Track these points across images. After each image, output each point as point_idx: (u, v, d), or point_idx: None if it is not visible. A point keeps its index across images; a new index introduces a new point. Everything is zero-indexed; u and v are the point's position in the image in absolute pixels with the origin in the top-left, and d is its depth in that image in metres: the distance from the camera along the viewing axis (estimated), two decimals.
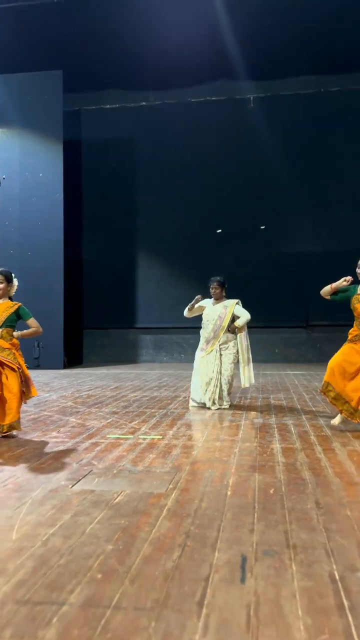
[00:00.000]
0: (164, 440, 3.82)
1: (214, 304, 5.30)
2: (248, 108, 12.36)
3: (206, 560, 1.84)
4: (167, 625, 1.44)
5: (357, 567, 1.79)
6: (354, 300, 4.14)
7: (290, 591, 1.62)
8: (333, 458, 3.28)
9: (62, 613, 1.50)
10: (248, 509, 2.35)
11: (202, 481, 2.79)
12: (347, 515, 2.29)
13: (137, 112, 12.70)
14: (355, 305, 4.12)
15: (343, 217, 11.85)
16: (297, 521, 2.21)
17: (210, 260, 12.06)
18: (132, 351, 12.60)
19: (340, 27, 11.12)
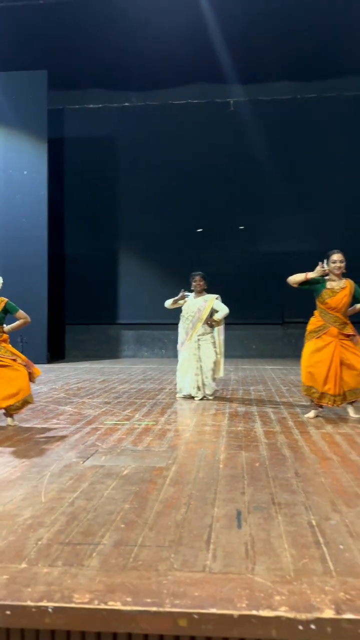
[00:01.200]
0: (158, 425, 4.21)
1: (195, 297, 5.68)
2: (228, 111, 12.77)
3: (208, 514, 2.24)
4: (184, 556, 1.83)
5: (330, 517, 2.21)
6: (324, 294, 4.47)
7: (278, 533, 2.04)
8: (309, 439, 3.73)
9: (99, 550, 1.88)
10: (238, 478, 2.77)
11: (196, 457, 3.20)
12: (322, 481, 2.72)
13: (120, 112, 12.98)
14: (326, 299, 4.47)
15: (319, 219, 12.38)
16: (280, 486, 2.63)
17: (190, 258, 12.44)
18: (114, 346, 12.92)
19: (317, 36, 11.60)
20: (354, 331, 4.50)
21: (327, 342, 4.42)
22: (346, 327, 4.48)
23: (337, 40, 11.62)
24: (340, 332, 4.42)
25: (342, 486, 2.64)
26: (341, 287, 4.46)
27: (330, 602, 1.53)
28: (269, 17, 11.31)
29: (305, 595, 1.56)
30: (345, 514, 2.25)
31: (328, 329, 4.45)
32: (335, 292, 4.45)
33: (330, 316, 4.45)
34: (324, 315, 4.49)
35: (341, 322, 4.46)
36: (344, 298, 4.45)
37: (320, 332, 4.48)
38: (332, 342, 4.40)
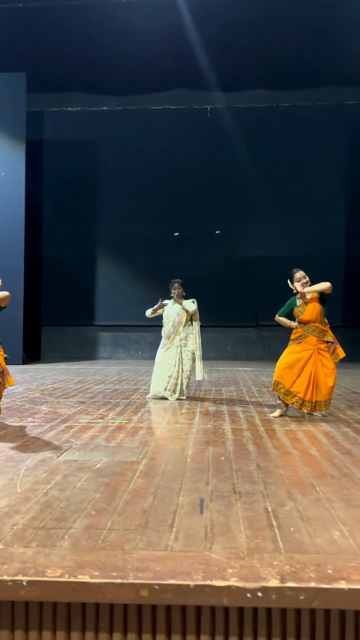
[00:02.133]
0: (131, 423, 4.37)
1: (174, 303, 5.87)
2: (205, 118, 13.02)
3: (173, 502, 2.42)
4: (149, 537, 2.00)
5: (285, 504, 2.41)
6: (297, 312, 4.79)
7: (236, 518, 2.23)
8: (273, 435, 3.94)
9: (71, 533, 2.04)
10: (204, 470, 2.95)
11: (166, 452, 3.37)
12: (281, 473, 2.93)
13: (98, 115, 13.11)
14: (299, 315, 4.77)
15: (293, 225, 12.71)
16: (242, 477, 2.82)
17: (166, 261, 12.68)
18: (90, 348, 13.01)
19: (294, 46, 11.93)
20: (333, 339, 4.76)
21: (305, 348, 4.69)
22: (326, 334, 4.74)
23: (312, 51, 11.97)
24: (319, 340, 4.67)
25: (299, 477, 2.85)
26: (309, 300, 4.73)
27: (277, 574, 1.72)
28: (248, 26, 11.58)
29: (254, 569, 1.75)
30: (299, 502, 2.45)
31: (307, 337, 4.71)
32: (304, 307, 4.73)
33: (308, 327, 4.72)
34: (303, 327, 4.76)
35: (320, 331, 4.73)
36: (314, 308, 4.72)
37: (300, 339, 4.74)
38: (310, 349, 4.66)
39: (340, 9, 10.75)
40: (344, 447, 3.56)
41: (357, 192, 12.62)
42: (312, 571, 1.74)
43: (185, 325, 5.76)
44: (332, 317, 13.40)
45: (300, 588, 1.65)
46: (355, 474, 2.92)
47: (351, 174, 12.83)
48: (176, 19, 11.32)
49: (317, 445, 3.61)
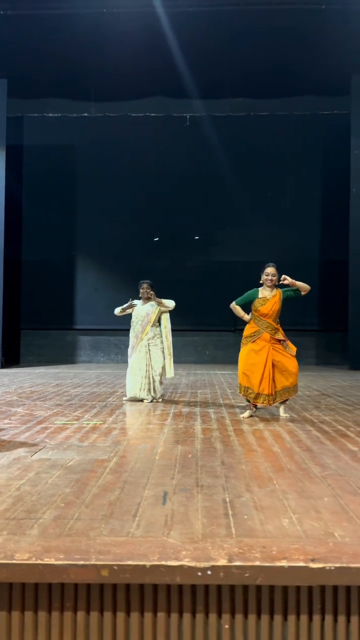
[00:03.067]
0: (105, 424, 4.52)
1: (143, 303, 6.04)
2: (184, 126, 13.25)
3: (139, 494, 2.59)
4: (112, 526, 2.17)
5: (242, 495, 2.60)
6: (257, 303, 4.97)
7: (195, 508, 2.41)
8: (240, 434, 4.13)
9: (40, 523, 2.19)
10: (171, 466, 3.12)
11: (136, 451, 3.54)
12: (243, 468, 3.12)
13: (79, 122, 13.24)
14: (258, 307, 4.96)
15: (269, 230, 12.99)
16: (206, 472, 3.01)
17: (146, 265, 12.83)
18: (70, 352, 13.10)
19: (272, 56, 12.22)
20: (284, 337, 4.99)
21: (261, 346, 4.88)
22: (277, 332, 4.96)
23: (290, 61, 12.28)
24: (272, 337, 4.89)
25: (259, 472, 3.04)
26: (272, 296, 4.95)
27: (226, 555, 1.90)
28: (227, 36, 11.84)
29: (206, 551, 1.93)
30: (255, 493, 2.64)
31: (261, 334, 4.91)
32: (266, 300, 4.95)
33: (262, 322, 4.93)
34: (257, 322, 4.96)
35: (273, 328, 4.94)
36: (274, 305, 4.95)
37: (254, 337, 4.95)
38: (266, 346, 4.86)
39: (317, 19, 11.09)
40: (305, 445, 3.77)
41: (331, 199, 12.96)
42: (258, 552, 1.92)
43: (154, 325, 5.93)
44: (307, 322, 13.76)
45: (245, 566, 1.83)
46: (312, 468, 3.13)
47: (326, 182, 13.18)
48: (156, 27, 11.53)
49: (280, 443, 3.82)
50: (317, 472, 3.05)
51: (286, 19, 11.37)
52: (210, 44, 12.17)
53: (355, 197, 11.73)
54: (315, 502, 2.50)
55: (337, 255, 12.59)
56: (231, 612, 1.89)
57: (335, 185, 12.87)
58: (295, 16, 11.39)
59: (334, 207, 13.03)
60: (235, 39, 11.91)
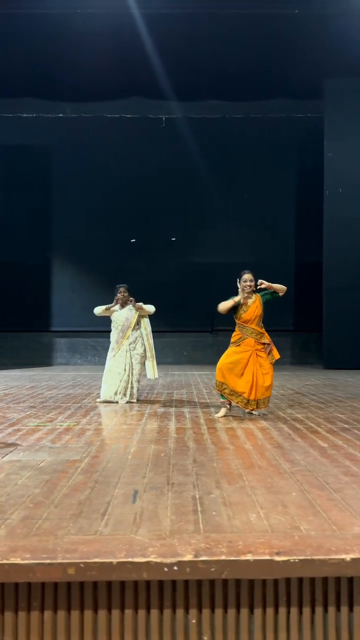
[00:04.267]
0: (79, 426, 4.50)
1: (121, 308, 6.04)
2: (160, 127, 13.28)
3: (109, 493, 2.59)
4: (81, 525, 2.17)
5: (212, 492, 2.62)
6: (240, 310, 5.06)
7: (165, 505, 2.42)
8: (214, 433, 4.17)
9: (7, 523, 2.18)
10: (143, 466, 3.13)
11: (109, 451, 3.54)
12: (214, 466, 3.14)
13: (53, 122, 13.16)
14: (241, 314, 5.04)
15: (245, 232, 13.11)
16: (177, 470, 3.02)
17: (123, 266, 12.83)
18: (46, 354, 12.99)
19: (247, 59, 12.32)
20: (269, 341, 5.06)
21: (245, 349, 4.96)
22: (262, 337, 5.03)
23: (264, 64, 12.40)
24: (257, 342, 4.95)
25: (229, 469, 3.08)
26: (252, 302, 5.03)
27: (192, 550, 1.92)
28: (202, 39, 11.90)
29: (173, 547, 1.94)
30: (225, 490, 2.67)
31: (246, 339, 4.99)
32: (248, 307, 5.01)
33: (247, 329, 5.01)
34: (241, 329, 5.05)
35: (257, 333, 5.02)
36: (255, 310, 5.02)
37: (239, 341, 5.02)
38: (249, 350, 4.94)
39: (291, 24, 11.23)
40: (277, 442, 3.82)
41: (306, 202, 13.14)
42: (224, 547, 1.95)
43: (134, 329, 5.94)
44: (283, 322, 13.89)
45: (211, 561, 1.86)
46: (282, 465, 3.17)
47: (300, 184, 13.36)
48: (132, 28, 11.52)
49: (252, 441, 3.86)
50: (286, 468, 3.10)
51: (261, 23, 11.48)
52: (186, 46, 12.20)
53: (329, 199, 11.92)
54: (283, 497, 2.54)
55: (311, 257, 12.76)
56: (198, 607, 1.91)
57: (309, 187, 13.05)
58: (269, 21, 11.51)
59: (308, 209, 13.21)
60: (211, 42, 11.98)
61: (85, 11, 11.35)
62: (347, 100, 11.93)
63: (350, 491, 2.65)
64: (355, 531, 2.11)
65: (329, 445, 3.72)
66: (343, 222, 11.78)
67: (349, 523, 2.20)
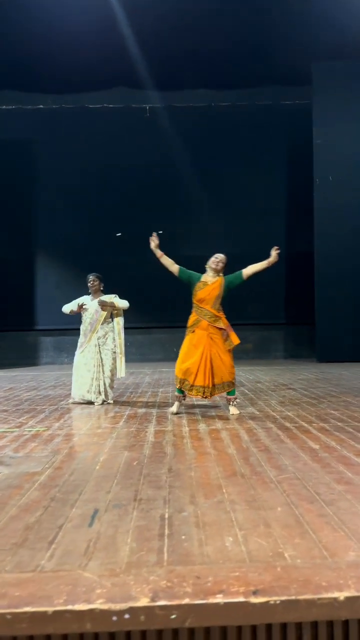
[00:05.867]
0: (49, 431, 4.13)
1: (92, 299, 5.66)
2: (144, 117, 12.86)
3: (64, 515, 2.22)
4: (20, 557, 1.80)
5: (184, 509, 2.26)
6: (197, 288, 4.72)
7: (126, 529, 2.06)
8: (195, 436, 3.80)
9: None
10: (110, 477, 2.77)
11: (75, 460, 3.17)
12: (191, 475, 2.78)
13: (34, 114, 12.72)
14: (197, 291, 4.71)
15: (233, 223, 12.75)
16: (148, 482, 2.66)
17: (109, 261, 12.42)
18: (31, 354, 12.58)
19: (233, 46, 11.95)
20: (226, 326, 4.72)
21: (200, 336, 4.68)
22: (218, 321, 4.71)
23: (251, 50, 12.03)
24: (210, 325, 4.66)
25: (208, 479, 2.71)
26: (213, 281, 4.76)
27: (150, 591, 1.56)
28: (186, 25, 11.49)
29: (127, 587, 1.58)
30: (200, 505, 2.31)
31: (200, 322, 4.71)
32: (205, 285, 4.73)
33: (201, 310, 4.72)
34: (197, 310, 4.77)
35: (212, 316, 4.72)
36: (212, 291, 4.72)
37: (194, 326, 4.74)
38: (203, 336, 4.66)
39: (278, 6, 10.84)
40: (264, 444, 3.47)
41: (295, 190, 12.78)
42: (190, 585, 1.59)
43: (104, 322, 5.56)
44: (275, 315, 13.55)
45: (172, 606, 1.50)
46: (267, 472, 2.82)
47: (290, 172, 13.00)
48: (113, 16, 11.11)
49: (236, 444, 3.50)
50: (272, 476, 2.74)
51: (246, 7, 11.09)
52: (169, 34, 11.81)
53: (319, 188, 11.56)
54: (266, 514, 2.19)
55: (302, 247, 12.40)
56: None
57: (298, 175, 12.69)
58: (255, 4, 11.11)
59: (298, 198, 12.85)
60: (195, 28, 11.57)
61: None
62: (336, 84, 11.57)
63: (344, 504, 2.30)
64: (350, 558, 1.76)
65: (321, 447, 3.38)
66: (334, 210, 11.44)
67: (342, 547, 1.85)
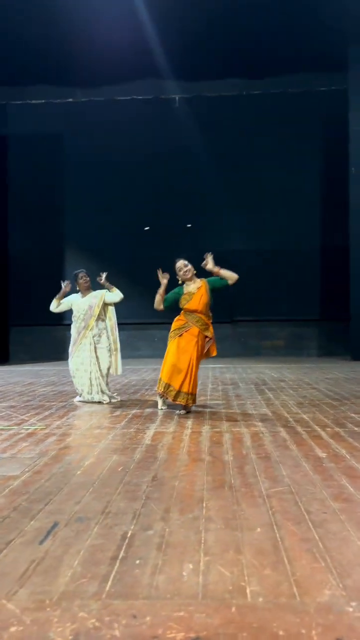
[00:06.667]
0: (47, 430, 3.97)
1: (83, 296, 5.46)
2: (174, 108, 12.61)
3: (19, 528, 2.03)
4: None
5: (151, 527, 2.03)
6: (183, 300, 4.55)
7: (78, 549, 1.84)
8: (195, 439, 3.55)
9: None
10: (87, 485, 2.56)
11: (59, 464, 2.98)
12: (174, 485, 2.54)
13: (64, 107, 12.70)
14: (184, 304, 4.54)
15: (265, 216, 12.37)
16: (125, 492, 2.44)
17: (137, 256, 12.32)
18: (60, 348, 12.57)
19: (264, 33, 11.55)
20: (211, 336, 4.54)
21: (189, 340, 4.48)
22: (207, 329, 4.57)
23: (283, 37, 11.59)
24: (201, 332, 4.51)
25: (191, 490, 2.47)
26: (197, 288, 4.55)
27: (71, 632, 1.33)
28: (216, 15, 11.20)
29: (47, 625, 1.36)
30: (171, 522, 2.07)
31: (190, 328, 4.53)
32: (191, 295, 4.54)
33: (192, 316, 4.54)
34: (187, 315, 4.58)
35: (203, 323, 4.56)
36: (201, 298, 4.53)
37: (182, 330, 4.54)
38: (193, 341, 4.47)
39: None
40: (265, 451, 3.18)
41: (331, 181, 12.25)
42: (121, 626, 1.35)
43: (98, 319, 5.36)
44: (308, 311, 13.09)
45: None
46: (260, 483, 2.54)
47: (325, 162, 12.47)
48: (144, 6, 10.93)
49: (236, 449, 3.23)
50: (264, 488, 2.47)
51: None
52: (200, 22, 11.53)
53: (355, 178, 11.00)
54: (241, 536, 1.92)
55: (338, 241, 11.88)
56: None
57: (333, 165, 12.15)
58: None
59: (333, 189, 12.32)
60: (226, 16, 11.24)
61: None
62: None
63: (335, 526, 2.01)
64: (323, 598, 1.48)
65: (328, 455, 3.06)
66: None
67: (317, 583, 1.57)
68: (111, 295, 5.33)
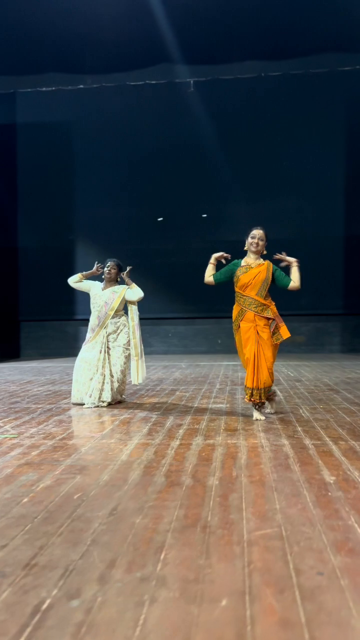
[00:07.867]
0: (16, 439, 3.49)
1: (104, 288, 4.98)
2: (188, 92, 12.03)
3: None
4: None
5: (79, 594, 1.50)
6: (238, 272, 4.01)
7: None
8: (181, 454, 3.00)
9: None
10: (26, 520, 2.05)
11: (8, 486, 2.48)
12: (134, 523, 2.01)
13: (74, 95, 12.27)
14: (239, 275, 3.99)
15: (285, 204, 11.71)
16: (67, 534, 1.92)
17: (150, 247, 11.83)
18: (72, 344, 12.21)
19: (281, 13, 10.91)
20: (275, 315, 3.93)
21: (246, 329, 3.97)
22: (266, 309, 3.98)
23: (303, 16, 10.93)
24: (257, 316, 3.93)
25: (153, 531, 1.93)
26: (258, 264, 4.01)
27: None
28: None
29: None
30: (109, 585, 1.54)
31: (245, 314, 4.00)
32: (249, 268, 4.00)
33: (245, 299, 3.99)
34: (239, 299, 4.03)
35: (258, 304, 3.97)
36: (258, 274, 3.97)
37: (238, 319, 4.03)
38: (251, 329, 3.94)
39: None
40: (260, 473, 2.61)
41: (355, 166, 11.51)
42: None
43: (116, 316, 4.85)
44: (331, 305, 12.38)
45: None
46: (242, 521, 1.98)
47: (350, 146, 11.72)
48: None
49: (226, 470, 2.67)
50: (247, 529, 1.92)
51: None
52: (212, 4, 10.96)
53: None
54: (197, 613, 1.38)
55: None
56: None
57: (358, 150, 11.41)
58: None
59: (358, 175, 11.58)
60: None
61: None
62: None
63: (332, 597, 1.44)
64: None
65: (338, 480, 2.48)
66: None
67: None
68: (130, 293, 4.81)
